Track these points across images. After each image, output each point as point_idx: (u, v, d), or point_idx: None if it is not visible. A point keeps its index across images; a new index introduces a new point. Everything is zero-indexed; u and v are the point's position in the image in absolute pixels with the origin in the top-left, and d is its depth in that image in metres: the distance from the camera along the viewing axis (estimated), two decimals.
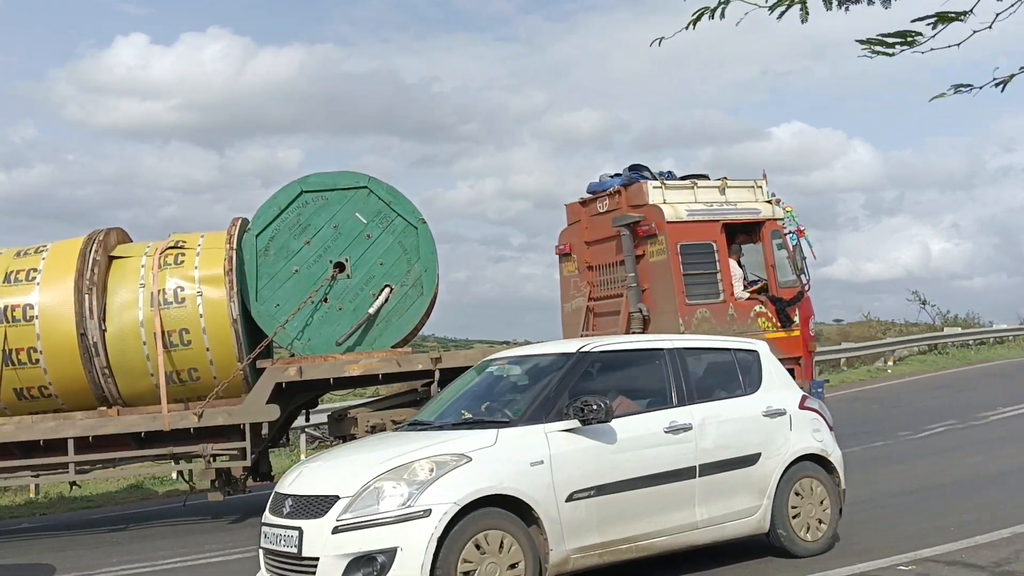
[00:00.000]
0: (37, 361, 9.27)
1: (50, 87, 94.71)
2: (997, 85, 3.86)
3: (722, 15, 3.88)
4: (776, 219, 10.95)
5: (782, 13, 3.83)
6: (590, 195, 11.60)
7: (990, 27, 3.71)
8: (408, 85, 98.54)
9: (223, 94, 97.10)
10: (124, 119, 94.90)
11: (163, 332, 9.22)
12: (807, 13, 3.81)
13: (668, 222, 10.41)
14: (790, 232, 10.90)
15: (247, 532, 8.97)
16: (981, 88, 3.89)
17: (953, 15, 3.68)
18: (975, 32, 3.74)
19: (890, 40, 3.80)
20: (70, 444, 9.17)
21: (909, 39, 3.79)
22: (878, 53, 3.84)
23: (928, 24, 3.72)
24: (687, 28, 3.99)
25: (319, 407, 12.12)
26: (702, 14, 3.92)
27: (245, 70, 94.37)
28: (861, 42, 3.85)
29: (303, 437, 14.41)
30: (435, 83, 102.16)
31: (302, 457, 14.08)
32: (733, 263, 10.81)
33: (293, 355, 9.67)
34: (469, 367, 9.71)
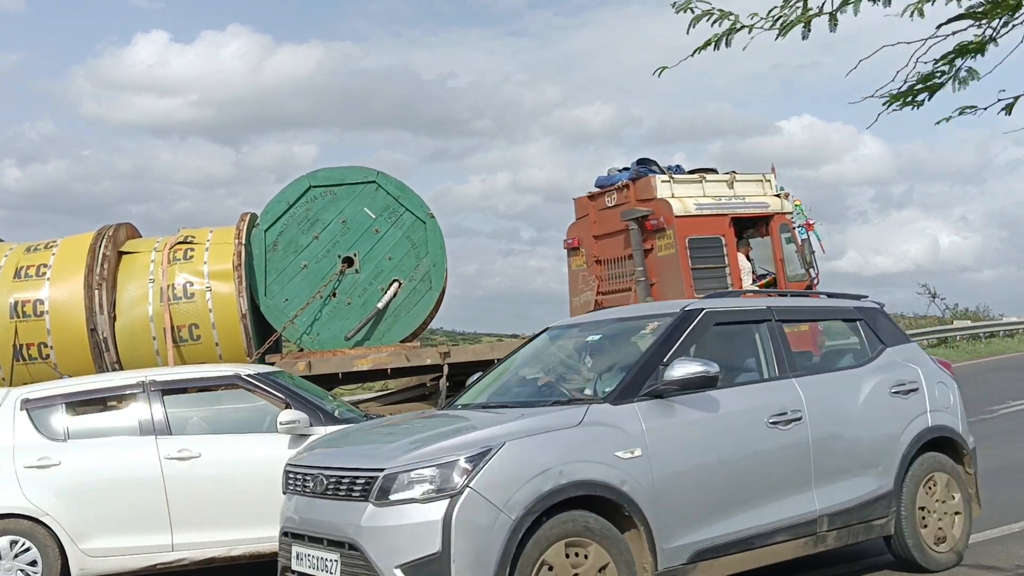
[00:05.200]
0: (47, 356, 9.31)
1: (68, 84, 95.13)
2: (1002, 110, 3.81)
3: (727, 44, 3.87)
4: (785, 213, 10.95)
5: (785, 32, 3.81)
6: (598, 189, 11.60)
7: (995, 43, 3.67)
8: (424, 81, 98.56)
9: (241, 90, 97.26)
10: (142, 115, 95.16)
11: (173, 327, 9.25)
12: (809, 31, 3.80)
13: (676, 216, 10.41)
14: (799, 226, 10.89)
15: None
16: (986, 109, 3.85)
17: (973, 46, 3.64)
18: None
19: (917, 88, 3.77)
20: None
21: (931, 84, 3.75)
22: (907, 105, 3.82)
23: (949, 61, 3.68)
24: (692, 56, 3.98)
25: None
26: (707, 44, 3.91)
27: (264, 67, 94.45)
28: (886, 102, 3.82)
29: None
30: (451, 78, 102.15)
31: None
32: (742, 257, 10.80)
33: (302, 350, 9.70)
34: (477, 362, 9.82)
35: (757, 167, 11.35)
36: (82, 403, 6.60)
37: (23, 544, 6.09)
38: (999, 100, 3.81)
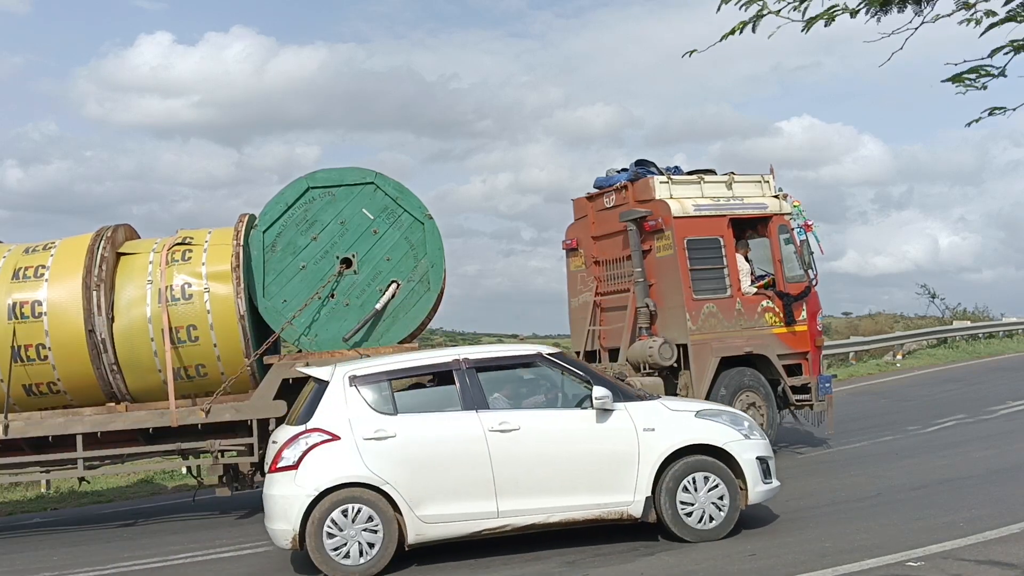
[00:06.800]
0: (46, 357, 9.30)
1: (72, 85, 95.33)
2: None
3: (753, 30, 3.90)
4: (783, 214, 10.90)
5: (810, 25, 3.84)
6: (597, 190, 11.57)
7: None
8: (427, 82, 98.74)
9: (245, 92, 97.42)
10: (145, 116, 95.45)
11: (171, 328, 9.24)
12: (832, 20, 3.83)
13: (675, 217, 10.37)
14: (797, 227, 10.85)
15: (258, 527, 8.98)
16: (1015, 110, 3.90)
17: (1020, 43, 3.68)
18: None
19: (968, 76, 3.82)
20: (79, 440, 9.20)
21: (984, 72, 3.81)
22: (970, 87, 3.85)
23: (1004, 54, 3.73)
24: (722, 40, 4.02)
25: None
26: (735, 30, 3.94)
27: (267, 68, 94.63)
28: (951, 80, 3.87)
29: None
30: (453, 80, 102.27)
31: None
32: (740, 258, 10.77)
33: (300, 351, 9.69)
34: None
35: (757, 168, 11.31)
36: (404, 379, 7.07)
37: (364, 511, 6.47)
38: None
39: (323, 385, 6.85)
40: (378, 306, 9.56)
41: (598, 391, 6.76)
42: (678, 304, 10.34)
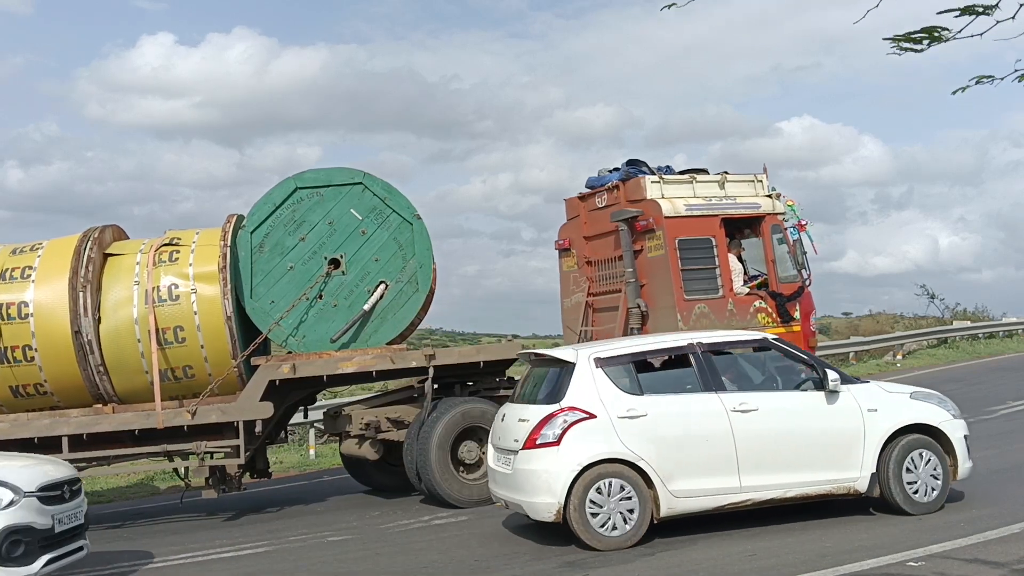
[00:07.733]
0: (32, 359, 9.24)
1: (73, 86, 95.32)
2: (1020, 79, 3.85)
3: None
4: (776, 213, 10.77)
5: None
6: (589, 190, 11.47)
7: (1012, 18, 3.67)
8: (428, 83, 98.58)
9: (246, 92, 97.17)
10: (147, 117, 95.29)
11: (158, 329, 9.18)
12: None
13: (666, 217, 10.26)
14: (791, 226, 10.72)
15: (257, 528, 8.95)
16: (1003, 79, 3.91)
17: (979, 8, 3.69)
18: (998, 22, 3.72)
19: (917, 35, 3.79)
20: (65, 441, 9.12)
21: (935, 34, 3.80)
22: (906, 50, 3.89)
23: (955, 16, 3.73)
24: None
25: (316, 403, 12.03)
26: None
27: (269, 69, 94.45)
28: (888, 39, 3.87)
29: (312, 432, 14.33)
30: (454, 80, 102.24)
31: (311, 452, 14.01)
32: (733, 258, 10.64)
33: (289, 352, 9.60)
34: (464, 364, 9.69)
35: (757, 169, 11.13)
36: (644, 362, 7.39)
37: (622, 485, 6.77)
38: (1016, 71, 3.88)
39: (566, 366, 7.15)
40: (366, 307, 9.47)
41: (831, 374, 7.19)
42: (669, 305, 10.22)
